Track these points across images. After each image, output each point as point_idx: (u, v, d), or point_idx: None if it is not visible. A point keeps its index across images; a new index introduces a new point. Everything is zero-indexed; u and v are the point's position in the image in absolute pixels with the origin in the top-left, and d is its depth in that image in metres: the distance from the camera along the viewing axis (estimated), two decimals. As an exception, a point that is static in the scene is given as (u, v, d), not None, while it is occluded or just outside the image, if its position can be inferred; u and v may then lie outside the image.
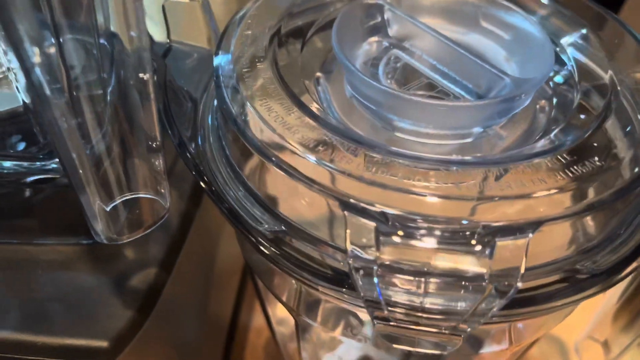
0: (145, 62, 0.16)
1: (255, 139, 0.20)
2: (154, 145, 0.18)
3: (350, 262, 0.17)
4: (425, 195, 0.18)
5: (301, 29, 0.25)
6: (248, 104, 0.21)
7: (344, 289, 0.18)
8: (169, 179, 0.20)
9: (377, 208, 0.17)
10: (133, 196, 0.19)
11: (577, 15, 0.23)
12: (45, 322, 0.23)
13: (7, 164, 0.24)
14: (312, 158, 0.19)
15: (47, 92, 0.15)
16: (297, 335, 0.26)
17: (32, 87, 0.14)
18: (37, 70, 0.14)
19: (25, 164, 0.24)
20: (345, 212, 0.17)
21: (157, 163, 0.18)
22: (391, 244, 0.17)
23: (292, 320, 0.29)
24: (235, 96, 0.21)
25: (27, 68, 0.14)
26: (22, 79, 0.14)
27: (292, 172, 0.19)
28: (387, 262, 0.16)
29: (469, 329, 0.17)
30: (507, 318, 0.19)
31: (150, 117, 0.17)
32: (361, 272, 0.17)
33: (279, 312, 0.32)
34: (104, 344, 0.23)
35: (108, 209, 0.18)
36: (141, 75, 0.16)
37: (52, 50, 0.16)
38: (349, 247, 0.16)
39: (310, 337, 0.27)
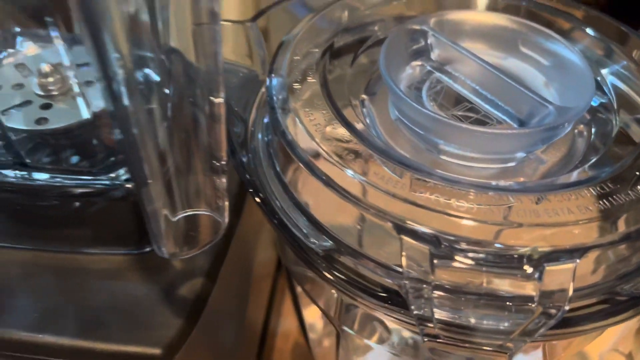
0: (218, 85, 0.17)
1: (303, 153, 0.21)
2: (220, 165, 0.19)
3: (405, 282, 0.18)
4: (470, 219, 0.19)
5: (352, 46, 0.26)
6: (296, 117, 0.22)
7: (395, 306, 0.19)
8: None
9: (430, 231, 0.18)
10: (195, 212, 0.20)
11: (618, 45, 0.24)
12: (101, 329, 0.24)
13: (62, 176, 0.25)
14: (358, 177, 0.20)
15: (126, 102, 0.16)
16: (336, 342, 0.27)
17: (114, 97, 0.15)
18: (119, 81, 0.15)
19: (80, 177, 0.25)
20: (401, 235, 0.18)
21: (220, 182, 0.19)
22: (444, 266, 0.18)
23: (325, 325, 0.30)
24: (285, 108, 0.22)
25: (109, 79, 0.15)
26: (106, 90, 0.15)
27: (338, 189, 0.20)
28: (440, 283, 0.17)
29: (514, 348, 0.18)
30: (549, 337, 0.20)
31: (218, 137, 0.18)
32: (415, 292, 0.18)
33: (313, 317, 0.33)
34: (157, 351, 0.24)
35: (172, 222, 0.19)
36: (212, 98, 0.17)
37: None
38: (405, 268, 0.17)
39: (345, 343, 0.28)
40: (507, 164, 0.22)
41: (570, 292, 0.17)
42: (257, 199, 0.21)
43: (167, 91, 0.18)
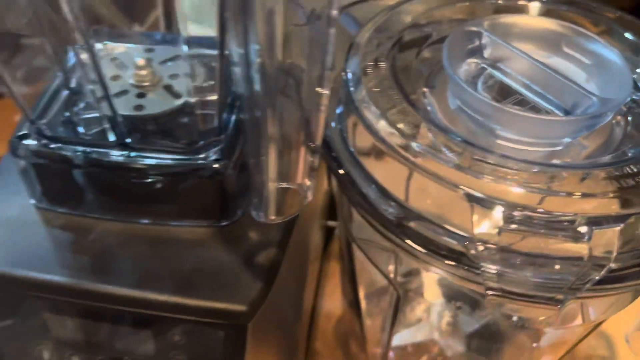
0: (325, 80, 0.20)
1: (374, 129, 0.25)
2: (315, 146, 0.22)
3: (474, 244, 0.21)
4: (524, 191, 0.22)
5: (417, 41, 0.29)
6: (367, 95, 0.25)
7: (464, 266, 0.23)
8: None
9: (496, 200, 0.21)
10: (292, 186, 0.23)
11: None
12: (193, 289, 0.28)
13: (157, 156, 0.29)
14: (425, 149, 0.23)
15: (257, 87, 0.19)
16: (395, 306, 0.31)
17: (249, 81, 0.19)
18: (255, 69, 0.19)
19: (173, 157, 0.29)
20: (472, 203, 0.21)
21: (314, 161, 0.23)
22: (508, 230, 0.21)
23: (380, 296, 0.34)
24: (358, 88, 0.26)
25: (248, 66, 0.19)
26: (243, 75, 0.19)
27: (407, 162, 0.24)
28: (505, 245, 0.21)
29: (564, 300, 0.21)
30: (593, 292, 0.24)
31: (318, 124, 0.21)
32: (483, 252, 0.21)
33: (369, 289, 0.36)
34: (243, 307, 0.27)
35: (273, 192, 0.23)
36: (319, 89, 0.20)
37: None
38: (475, 232, 0.21)
39: (405, 305, 0.31)
40: (555, 148, 0.25)
41: (615, 253, 0.20)
42: (341, 171, 0.25)
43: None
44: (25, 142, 0.29)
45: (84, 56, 0.27)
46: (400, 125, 0.25)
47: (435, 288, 0.28)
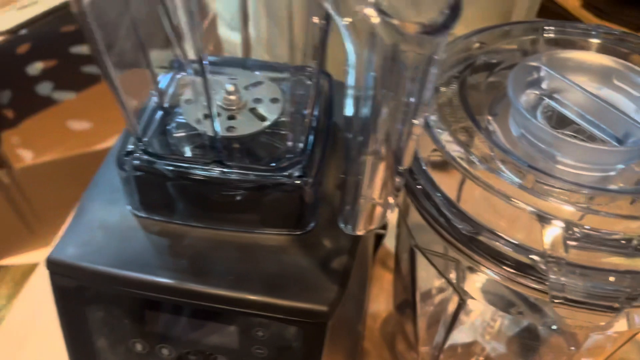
0: (421, 112, 0.23)
1: (444, 147, 0.28)
2: (403, 169, 0.26)
3: (543, 259, 0.24)
4: (582, 211, 0.26)
5: (486, 66, 0.33)
6: (438, 114, 0.29)
7: (529, 276, 0.26)
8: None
9: (563, 220, 0.25)
10: (380, 203, 0.27)
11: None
12: (280, 290, 0.31)
13: (247, 172, 0.32)
14: (493, 170, 0.27)
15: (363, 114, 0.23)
16: (455, 310, 0.34)
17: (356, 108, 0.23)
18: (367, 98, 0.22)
19: (261, 173, 0.32)
20: (542, 222, 0.25)
21: (400, 182, 0.26)
22: (573, 246, 0.24)
23: (438, 302, 0.37)
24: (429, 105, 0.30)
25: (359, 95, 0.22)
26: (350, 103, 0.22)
27: (477, 181, 0.27)
28: (571, 261, 0.24)
29: (620, 309, 0.25)
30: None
31: (410, 150, 0.25)
32: (552, 265, 0.24)
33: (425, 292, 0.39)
34: (324, 308, 0.31)
35: (364, 207, 0.26)
36: (414, 120, 0.24)
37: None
38: (545, 248, 0.24)
39: (465, 310, 0.35)
40: (609, 173, 0.28)
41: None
42: (418, 186, 0.28)
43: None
44: (131, 158, 0.33)
45: (193, 79, 0.31)
46: (467, 143, 0.28)
47: (495, 295, 0.31)
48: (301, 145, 0.34)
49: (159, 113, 0.35)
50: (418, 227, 0.33)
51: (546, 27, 0.35)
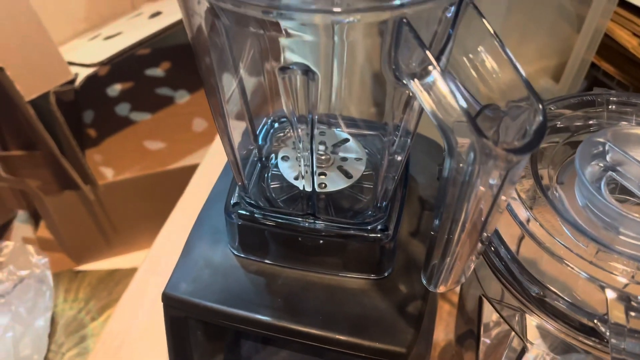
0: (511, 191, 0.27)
1: (517, 215, 0.32)
2: (485, 236, 0.29)
3: (608, 325, 0.28)
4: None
5: (555, 130, 0.37)
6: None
7: (592, 337, 0.30)
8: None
9: (625, 292, 0.28)
10: (462, 264, 0.31)
11: None
12: (363, 331, 0.36)
13: (334, 224, 0.37)
14: (558, 241, 0.31)
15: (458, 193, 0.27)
16: (519, 354, 0.38)
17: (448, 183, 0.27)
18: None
19: (346, 225, 0.37)
20: (606, 293, 0.28)
21: (480, 248, 0.30)
22: (635, 317, 0.28)
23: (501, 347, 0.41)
24: None
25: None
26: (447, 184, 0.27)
27: (547, 250, 0.31)
28: (632, 327, 0.28)
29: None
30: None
31: (495, 222, 0.29)
32: (615, 331, 0.28)
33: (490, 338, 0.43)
34: (403, 349, 0.35)
35: (446, 268, 0.30)
36: (504, 197, 0.27)
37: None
38: (609, 316, 0.28)
39: (528, 355, 0.39)
40: (668, 245, 0.32)
41: None
42: (492, 248, 0.32)
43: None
44: (237, 208, 0.38)
45: (298, 137, 0.35)
46: (531, 207, 0.32)
47: (555, 340, 0.35)
48: (382, 199, 0.38)
49: (258, 165, 0.40)
50: (486, 278, 0.37)
51: (611, 98, 0.38)
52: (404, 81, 0.26)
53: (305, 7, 0.22)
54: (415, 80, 0.25)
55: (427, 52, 0.24)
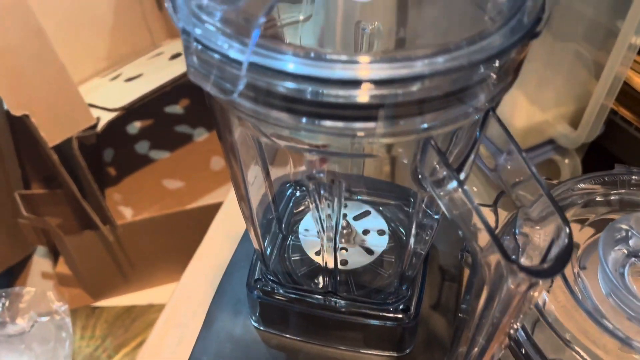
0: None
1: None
2: (514, 330, 0.29)
3: None
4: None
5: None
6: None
7: None
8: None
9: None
10: (492, 351, 0.31)
11: None
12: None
13: (354, 302, 0.37)
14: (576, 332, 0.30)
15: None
16: None
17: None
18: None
19: (365, 304, 0.37)
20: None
21: (514, 333, 0.30)
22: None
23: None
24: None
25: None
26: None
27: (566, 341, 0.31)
28: None
29: None
30: None
31: (525, 312, 0.29)
32: None
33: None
34: None
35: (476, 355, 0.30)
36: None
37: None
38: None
39: None
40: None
41: None
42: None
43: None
44: (258, 284, 0.38)
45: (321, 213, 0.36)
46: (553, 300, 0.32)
47: None
48: (404, 279, 0.38)
49: (280, 236, 0.41)
50: (502, 356, 0.37)
51: (633, 177, 0.38)
52: (427, 188, 0.26)
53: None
54: (438, 189, 0.26)
55: (451, 170, 0.24)
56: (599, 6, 0.71)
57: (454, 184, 0.25)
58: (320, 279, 0.38)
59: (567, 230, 0.23)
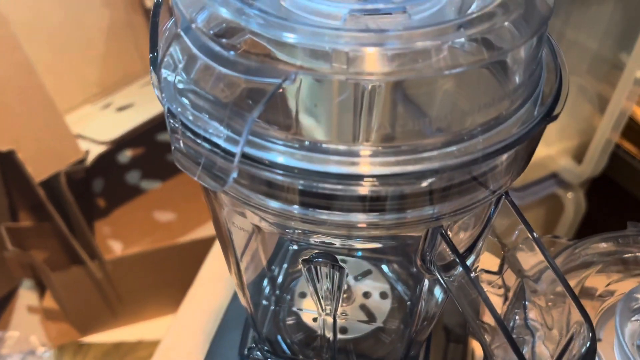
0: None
1: None
2: None
3: None
4: None
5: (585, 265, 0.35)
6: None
7: None
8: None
9: None
10: None
11: None
12: None
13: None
14: None
15: None
16: None
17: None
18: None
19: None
20: None
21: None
22: None
23: None
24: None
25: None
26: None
27: None
28: None
29: None
30: None
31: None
32: None
33: None
34: None
35: None
36: None
37: None
38: None
39: None
40: None
41: None
42: None
43: None
44: (251, 353, 0.35)
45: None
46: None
47: None
48: (411, 343, 0.36)
49: (273, 299, 0.38)
50: None
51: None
52: (434, 272, 0.24)
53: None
54: (446, 274, 0.23)
55: (462, 259, 0.22)
56: (604, 40, 0.70)
57: (460, 273, 0.23)
58: (318, 344, 0.36)
59: (590, 333, 0.21)
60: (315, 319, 0.36)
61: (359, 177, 0.18)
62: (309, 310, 0.36)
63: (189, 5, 0.21)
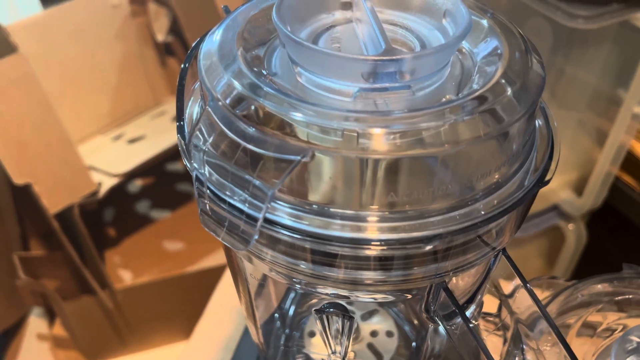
0: None
1: None
2: None
3: None
4: None
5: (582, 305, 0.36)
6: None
7: None
8: None
9: None
10: None
11: None
12: None
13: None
14: None
15: None
16: None
17: None
18: None
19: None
20: None
21: None
22: None
23: None
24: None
25: None
26: None
27: None
28: None
29: None
30: None
31: None
32: None
33: None
34: None
35: None
36: None
37: None
38: None
39: None
40: None
41: None
42: None
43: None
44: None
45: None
46: None
47: None
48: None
49: (283, 337, 0.40)
50: None
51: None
52: (437, 322, 0.26)
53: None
54: (449, 322, 0.25)
55: (460, 311, 0.23)
56: (603, 77, 0.72)
57: (460, 322, 0.24)
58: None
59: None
60: (323, 358, 0.37)
61: (366, 242, 0.20)
62: (319, 353, 0.37)
63: (212, 78, 0.23)
